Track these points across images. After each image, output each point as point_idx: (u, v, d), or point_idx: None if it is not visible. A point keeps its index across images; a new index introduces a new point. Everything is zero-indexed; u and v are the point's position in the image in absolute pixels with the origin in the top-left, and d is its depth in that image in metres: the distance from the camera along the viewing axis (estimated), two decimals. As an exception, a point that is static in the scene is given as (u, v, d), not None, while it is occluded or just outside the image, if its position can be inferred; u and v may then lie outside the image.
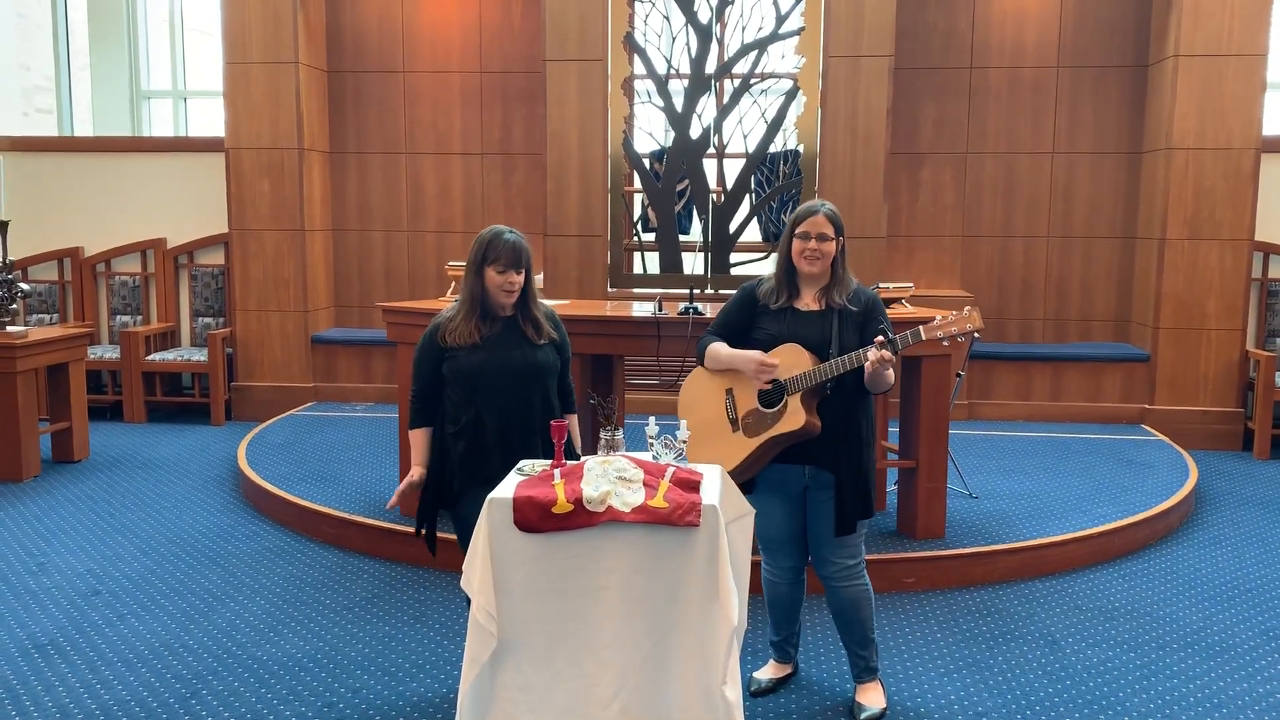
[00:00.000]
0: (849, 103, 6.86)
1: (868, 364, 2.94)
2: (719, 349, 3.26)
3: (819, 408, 3.12)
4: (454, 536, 3.23)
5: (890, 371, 3.03)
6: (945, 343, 3.03)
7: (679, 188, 7.16)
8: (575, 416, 3.36)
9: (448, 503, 3.20)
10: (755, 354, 3.15)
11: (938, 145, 7.52)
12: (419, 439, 3.22)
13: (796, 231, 3.17)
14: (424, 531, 3.27)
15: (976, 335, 3.01)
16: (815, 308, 3.19)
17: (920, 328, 2.99)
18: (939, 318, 3.03)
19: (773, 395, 3.14)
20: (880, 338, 2.94)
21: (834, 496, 3.15)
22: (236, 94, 7.28)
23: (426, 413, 3.22)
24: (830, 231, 3.15)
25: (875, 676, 3.33)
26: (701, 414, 3.28)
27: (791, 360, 3.11)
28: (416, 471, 3.20)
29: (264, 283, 7.44)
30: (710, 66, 7.05)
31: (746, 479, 3.22)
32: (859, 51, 6.80)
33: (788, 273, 3.22)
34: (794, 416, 3.08)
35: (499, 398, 3.11)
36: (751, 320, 3.27)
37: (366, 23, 7.77)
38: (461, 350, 3.12)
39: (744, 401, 3.21)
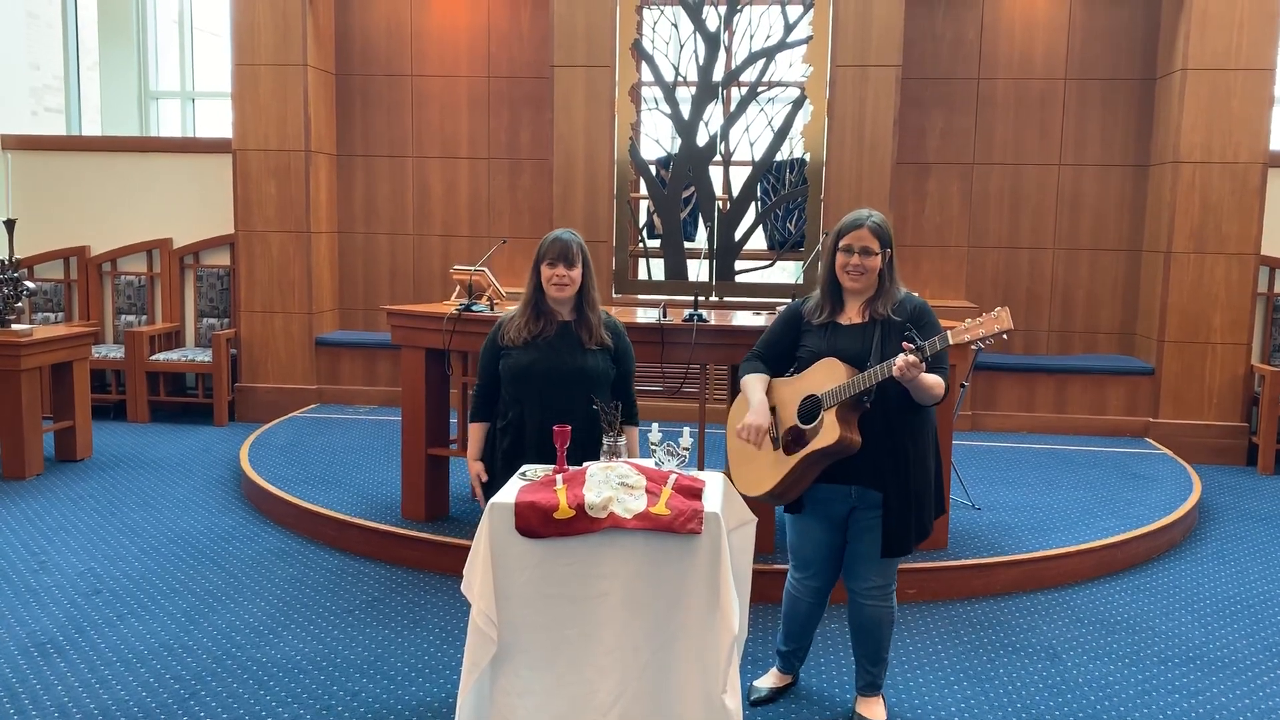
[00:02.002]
0: (856, 112, 6.86)
1: (894, 370, 2.79)
2: (749, 385, 3.15)
3: (861, 423, 2.97)
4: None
5: (932, 378, 2.88)
6: (975, 347, 2.94)
7: (685, 195, 7.18)
8: (635, 430, 3.36)
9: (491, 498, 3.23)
10: (762, 410, 3.06)
11: (944, 155, 7.52)
12: (475, 433, 3.37)
13: (840, 245, 3.03)
14: None
15: (1005, 337, 2.83)
16: (858, 320, 3.07)
17: (947, 332, 2.83)
18: (968, 321, 2.86)
19: (811, 411, 3.02)
20: (908, 344, 2.79)
21: (881, 516, 3.02)
22: (244, 95, 7.30)
23: (486, 408, 3.34)
24: (875, 245, 3.00)
25: (878, 693, 3.30)
26: None
27: (826, 375, 2.99)
28: (477, 467, 3.33)
29: (269, 284, 7.45)
30: (718, 74, 7.07)
31: (791, 499, 3.12)
32: (866, 61, 6.80)
33: (831, 287, 3.09)
34: (829, 432, 2.94)
35: (542, 399, 3.17)
36: (796, 340, 3.15)
37: (375, 26, 7.79)
38: (515, 348, 3.22)
39: (785, 419, 3.09)
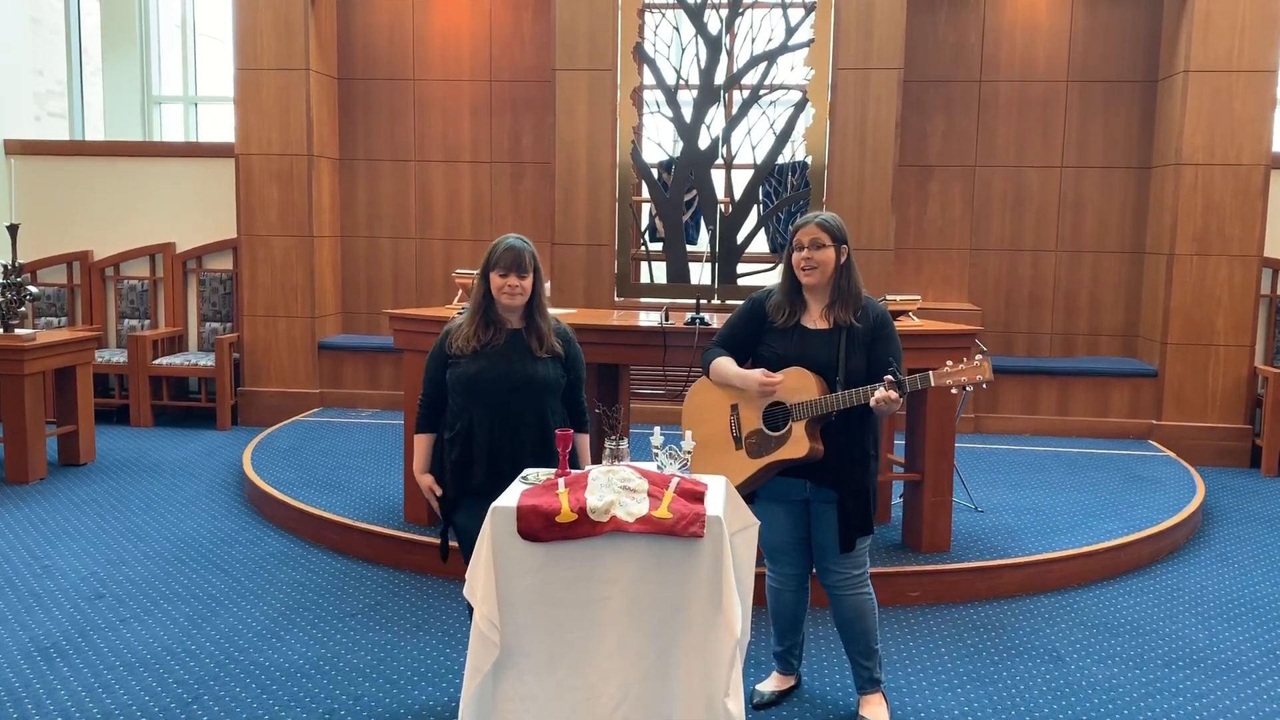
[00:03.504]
0: (858, 115, 6.86)
1: (871, 402, 2.93)
2: (724, 366, 3.20)
3: (822, 430, 3.09)
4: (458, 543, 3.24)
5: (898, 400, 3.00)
6: (954, 391, 3.05)
7: (687, 198, 7.18)
8: (586, 436, 3.33)
9: (446, 511, 3.20)
10: (758, 374, 3.10)
11: (946, 158, 7.52)
12: (421, 444, 3.24)
13: (793, 242, 3.13)
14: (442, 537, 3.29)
15: (984, 386, 2.99)
16: (823, 326, 3.12)
17: (930, 374, 2.98)
18: (949, 364, 3.01)
19: (777, 419, 3.10)
20: (889, 377, 2.91)
21: (836, 513, 3.12)
22: (247, 100, 7.32)
23: (431, 419, 3.22)
24: (826, 239, 3.07)
25: (879, 688, 3.31)
26: (704, 427, 3.24)
27: (797, 384, 3.06)
28: (428, 480, 3.22)
29: (272, 288, 7.46)
30: (719, 78, 7.07)
31: (745, 493, 3.18)
32: (868, 64, 6.80)
33: (791, 287, 3.16)
34: (798, 444, 3.05)
35: (490, 408, 3.10)
36: (758, 335, 3.21)
37: (377, 30, 7.81)
38: (463, 358, 3.12)
39: (748, 420, 3.16)
